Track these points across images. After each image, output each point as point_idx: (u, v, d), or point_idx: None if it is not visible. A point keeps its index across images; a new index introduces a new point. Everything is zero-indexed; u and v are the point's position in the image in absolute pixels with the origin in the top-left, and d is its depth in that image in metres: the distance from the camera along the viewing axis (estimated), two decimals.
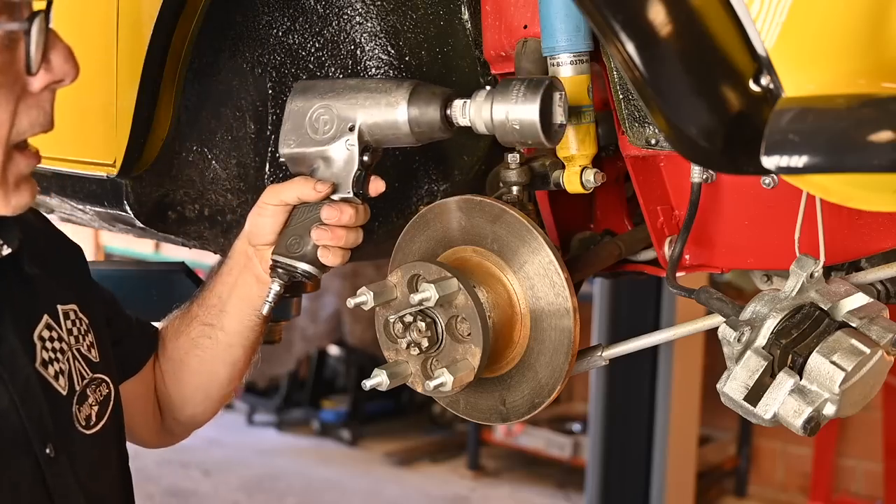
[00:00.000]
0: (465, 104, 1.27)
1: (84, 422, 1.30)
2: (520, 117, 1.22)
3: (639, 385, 4.49)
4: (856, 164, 1.03)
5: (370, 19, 1.61)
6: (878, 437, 5.05)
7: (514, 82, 1.24)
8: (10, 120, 1.09)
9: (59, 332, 1.30)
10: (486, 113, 1.25)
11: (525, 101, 1.22)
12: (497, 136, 1.27)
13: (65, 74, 1.12)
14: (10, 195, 1.14)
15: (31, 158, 1.15)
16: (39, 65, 1.09)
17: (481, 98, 1.26)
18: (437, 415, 6.63)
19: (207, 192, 1.74)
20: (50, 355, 1.27)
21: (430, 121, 1.29)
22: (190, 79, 1.64)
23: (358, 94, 1.33)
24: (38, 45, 1.08)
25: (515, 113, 1.23)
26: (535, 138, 1.23)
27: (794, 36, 1.08)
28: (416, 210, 1.59)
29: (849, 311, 1.23)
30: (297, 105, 1.38)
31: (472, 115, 1.26)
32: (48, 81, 1.12)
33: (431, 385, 1.27)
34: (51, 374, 1.26)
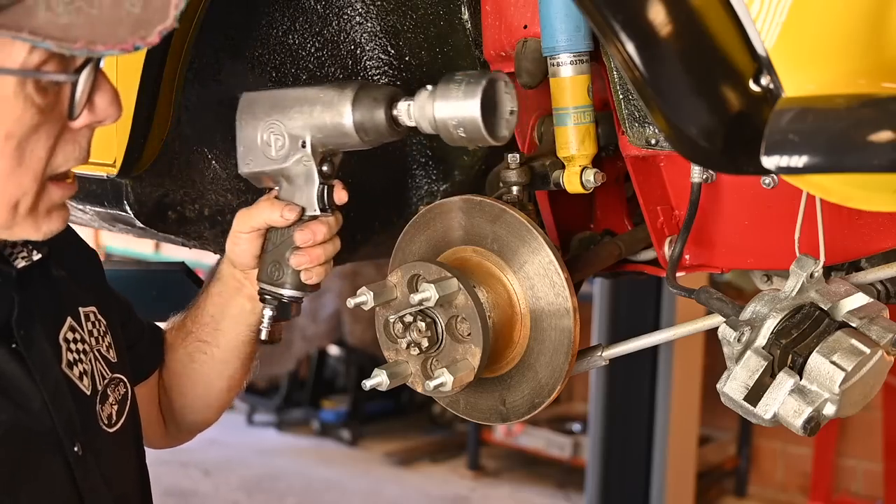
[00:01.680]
0: (409, 105, 1.24)
1: (106, 420, 1.33)
2: (461, 115, 1.18)
3: (639, 385, 4.49)
4: (856, 164, 1.03)
5: (370, 19, 1.61)
6: (878, 437, 5.05)
7: (455, 78, 1.20)
8: (47, 156, 1.11)
9: (81, 333, 1.33)
10: (429, 112, 1.21)
11: (466, 97, 1.17)
12: (442, 137, 1.23)
13: (107, 116, 1.14)
14: (40, 223, 1.16)
15: (67, 189, 1.17)
16: (83, 108, 1.11)
17: (423, 97, 1.22)
18: (437, 415, 6.63)
19: (207, 192, 1.74)
20: (74, 356, 1.30)
21: (377, 125, 1.25)
22: (190, 79, 1.64)
23: (302, 106, 1.30)
24: (83, 92, 1.10)
25: (457, 111, 1.18)
26: (478, 135, 1.19)
27: (794, 36, 1.08)
28: (416, 210, 1.60)
29: (849, 311, 1.23)
30: (246, 124, 1.36)
31: (416, 116, 1.23)
32: (90, 122, 1.14)
33: (431, 385, 1.27)
34: (76, 375, 1.29)
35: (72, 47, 1.01)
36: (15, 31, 0.98)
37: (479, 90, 1.17)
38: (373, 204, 1.71)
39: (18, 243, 1.26)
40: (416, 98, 1.23)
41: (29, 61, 1.05)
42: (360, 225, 1.74)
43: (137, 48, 1.04)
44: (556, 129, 1.37)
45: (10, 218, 1.12)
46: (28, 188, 1.11)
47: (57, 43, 1.00)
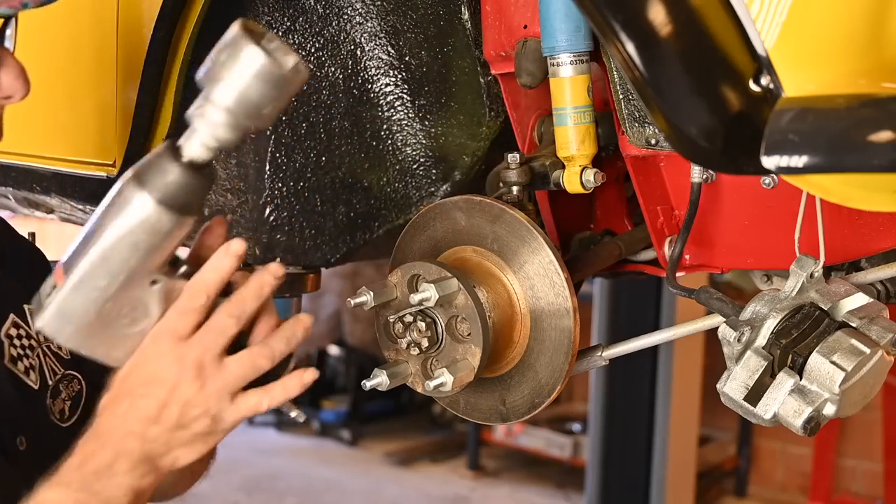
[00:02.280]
0: (192, 133, 1.03)
1: (59, 416, 1.32)
2: (248, 74, 0.98)
3: (639, 385, 4.49)
4: (856, 164, 1.03)
5: (370, 19, 1.61)
6: (878, 437, 5.05)
7: (207, 61, 1.01)
8: None
9: (26, 329, 1.32)
10: (217, 114, 1.00)
11: (235, 54, 0.99)
12: (254, 126, 1.01)
13: (13, 91, 1.14)
14: None
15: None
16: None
17: (196, 111, 1.03)
18: (437, 415, 6.63)
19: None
20: (19, 352, 1.29)
21: (184, 186, 1.01)
22: (190, 79, 1.64)
23: (114, 256, 1.01)
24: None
25: (241, 75, 0.98)
26: (285, 81, 0.98)
27: (794, 36, 1.08)
28: (417, 210, 1.60)
29: (849, 311, 1.23)
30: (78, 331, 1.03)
31: (212, 133, 1.02)
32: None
33: (431, 385, 1.27)
34: (20, 370, 1.29)
35: None
36: None
37: (238, 37, 0.99)
38: (374, 204, 1.71)
39: None
40: (192, 122, 1.03)
41: None
42: (359, 225, 1.74)
43: (25, 5, 1.06)
44: (556, 129, 1.37)
45: None
46: None
47: None
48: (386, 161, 1.67)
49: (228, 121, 1.01)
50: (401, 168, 1.66)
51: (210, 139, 1.02)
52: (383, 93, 1.65)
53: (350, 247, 1.74)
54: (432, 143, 1.65)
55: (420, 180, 1.66)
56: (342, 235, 1.74)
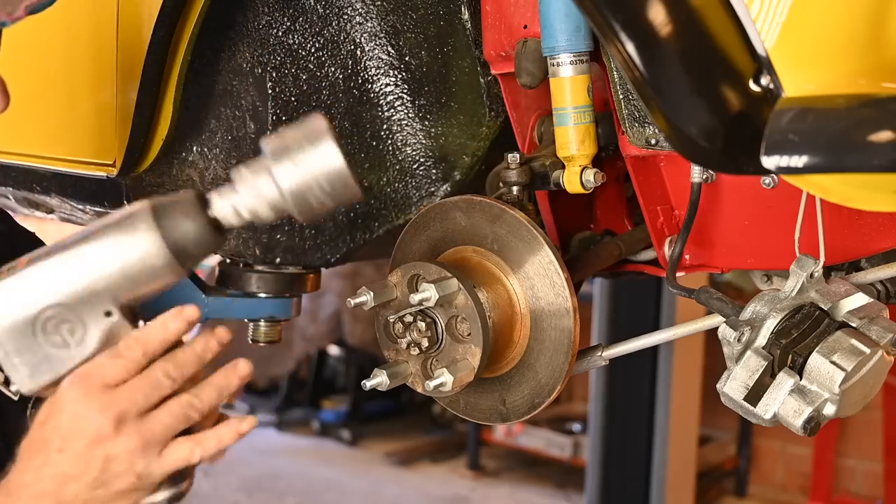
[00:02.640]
0: (231, 197, 0.98)
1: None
2: (320, 169, 0.94)
3: (639, 385, 4.48)
4: (856, 164, 1.03)
5: (370, 19, 1.61)
6: (878, 437, 5.05)
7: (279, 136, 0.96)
8: None
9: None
10: (269, 189, 0.95)
11: (314, 144, 0.94)
12: (295, 214, 0.97)
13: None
14: None
15: None
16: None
17: (248, 175, 0.97)
18: (437, 415, 6.63)
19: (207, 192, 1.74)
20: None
21: (199, 241, 0.97)
22: (190, 79, 1.64)
23: (84, 268, 0.96)
24: None
25: (312, 167, 0.94)
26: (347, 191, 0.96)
27: (794, 36, 1.08)
28: (417, 210, 1.60)
29: (849, 311, 1.23)
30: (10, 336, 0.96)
31: (249, 204, 0.97)
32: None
33: (431, 385, 1.27)
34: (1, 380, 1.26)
35: None
36: None
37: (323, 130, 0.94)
38: (374, 204, 1.71)
39: None
40: (235, 184, 0.98)
41: None
42: (359, 225, 1.74)
43: (3, 24, 1.06)
44: (556, 129, 1.37)
45: None
46: None
47: None
48: (386, 161, 1.67)
49: (277, 202, 0.96)
50: (401, 168, 1.66)
51: (247, 210, 0.98)
52: (383, 93, 1.64)
53: (350, 247, 1.74)
54: (432, 143, 1.65)
55: (420, 180, 1.66)
56: (342, 235, 1.74)
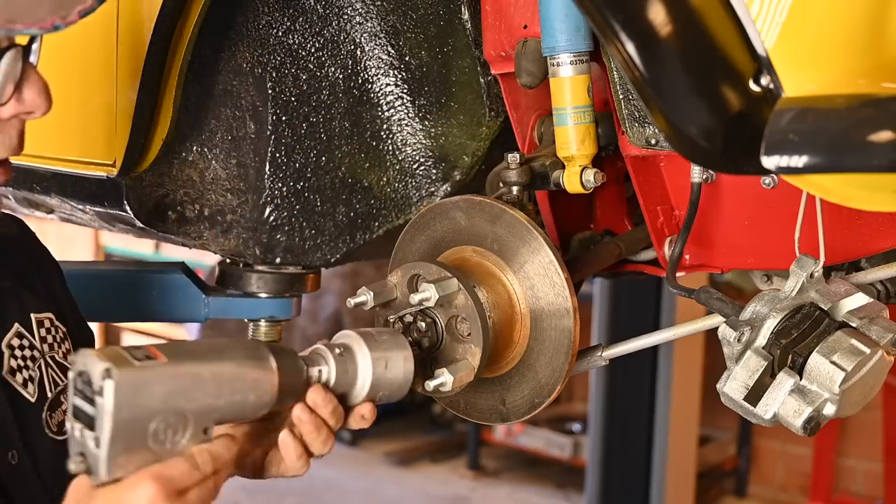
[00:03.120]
0: (328, 370, 1.16)
1: (56, 428, 1.30)
2: (399, 371, 1.18)
3: (639, 385, 4.48)
4: (856, 164, 1.03)
5: (370, 19, 1.61)
6: (878, 437, 5.05)
7: (374, 332, 1.18)
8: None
9: (30, 340, 1.31)
10: (355, 376, 1.16)
11: (397, 348, 1.17)
12: (357, 398, 1.19)
13: (35, 108, 1.15)
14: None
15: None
16: (10, 96, 1.12)
17: (348, 359, 1.16)
18: (437, 415, 6.62)
19: (207, 192, 1.74)
20: (19, 363, 1.28)
21: (297, 391, 1.14)
22: (190, 79, 1.64)
23: (218, 387, 1.05)
24: (7, 77, 1.11)
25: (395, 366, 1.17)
26: (401, 394, 1.21)
27: (794, 36, 1.08)
28: (417, 210, 1.60)
29: (849, 311, 1.23)
30: (127, 412, 0.99)
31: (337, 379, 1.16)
32: (17, 112, 1.14)
33: (431, 385, 1.27)
34: (18, 382, 1.27)
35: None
36: None
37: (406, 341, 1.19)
38: (374, 203, 1.71)
39: None
40: (329, 361, 1.16)
41: None
42: (359, 225, 1.74)
43: (57, 27, 1.05)
44: (556, 129, 1.37)
45: None
46: None
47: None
48: (386, 161, 1.67)
49: (343, 383, 1.17)
50: (401, 168, 1.67)
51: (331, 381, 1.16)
52: (383, 93, 1.65)
53: (350, 247, 1.74)
54: (432, 143, 1.65)
55: (420, 180, 1.66)
56: (342, 235, 1.74)
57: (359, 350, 1.17)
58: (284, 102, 1.70)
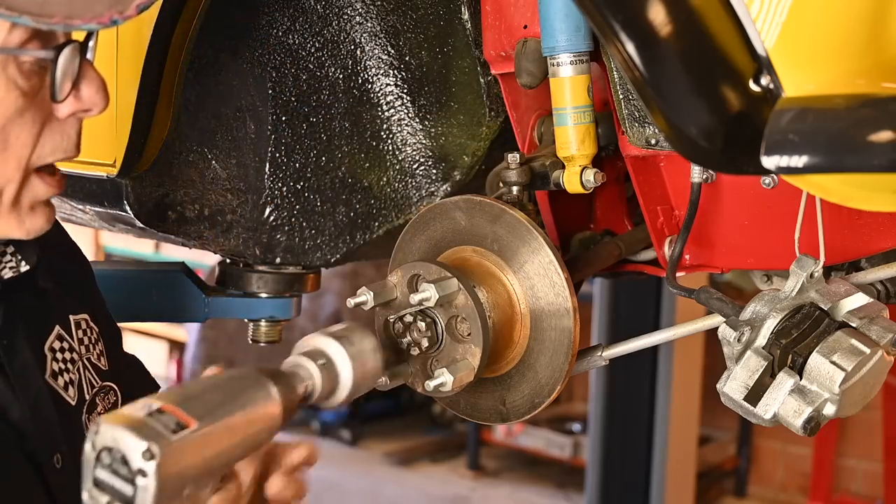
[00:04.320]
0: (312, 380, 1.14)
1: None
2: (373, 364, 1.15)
3: (639, 385, 4.48)
4: (856, 164, 1.03)
5: (370, 19, 1.61)
6: (878, 437, 5.05)
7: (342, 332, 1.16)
8: (33, 143, 1.11)
9: (70, 342, 1.30)
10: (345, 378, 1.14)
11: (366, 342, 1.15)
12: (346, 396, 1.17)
13: (93, 105, 1.13)
14: (24, 218, 1.14)
15: (52, 186, 1.16)
16: (68, 93, 1.10)
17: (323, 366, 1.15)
18: (437, 415, 6.62)
19: (207, 192, 1.74)
20: (60, 366, 1.27)
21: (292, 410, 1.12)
22: (190, 79, 1.64)
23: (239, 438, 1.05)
24: (66, 74, 1.09)
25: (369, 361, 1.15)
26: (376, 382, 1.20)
27: (793, 36, 1.08)
28: (417, 210, 1.60)
29: (849, 311, 1.23)
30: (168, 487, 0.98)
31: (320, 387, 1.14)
32: (75, 109, 1.13)
33: (431, 385, 1.27)
34: (60, 385, 1.26)
35: (49, 22, 1.01)
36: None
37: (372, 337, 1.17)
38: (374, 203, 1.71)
39: (7, 252, 1.24)
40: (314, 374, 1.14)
41: (9, 41, 1.05)
42: (359, 225, 1.74)
43: (115, 22, 1.04)
44: (556, 129, 1.37)
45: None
46: (11, 176, 1.10)
47: (34, 18, 1.00)
48: (386, 161, 1.67)
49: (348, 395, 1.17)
50: (401, 168, 1.67)
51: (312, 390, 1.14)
52: (383, 93, 1.65)
53: (350, 247, 1.74)
54: (432, 143, 1.65)
55: (420, 180, 1.66)
56: (342, 235, 1.74)
57: (339, 356, 1.15)
58: (284, 102, 1.70)
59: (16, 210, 1.13)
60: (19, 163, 1.10)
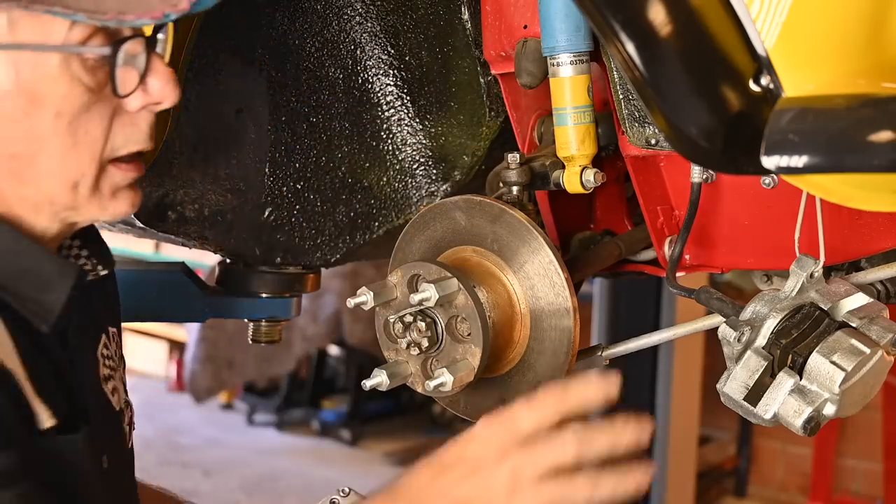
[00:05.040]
0: None
1: (127, 437, 1.34)
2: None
3: (639, 385, 4.48)
4: (856, 164, 1.03)
5: (370, 19, 1.61)
6: (878, 437, 5.05)
7: None
8: (104, 135, 1.12)
9: (109, 351, 1.33)
10: None
11: None
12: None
13: (162, 97, 1.14)
14: (105, 204, 1.16)
15: (129, 171, 1.17)
16: (135, 87, 1.12)
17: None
18: (437, 415, 6.62)
19: (207, 192, 1.74)
20: (108, 372, 1.30)
21: None
22: (190, 79, 1.64)
23: None
24: (130, 68, 1.11)
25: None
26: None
27: (793, 36, 1.08)
28: (417, 210, 1.60)
29: (849, 311, 1.23)
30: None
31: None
32: (145, 103, 1.14)
33: (431, 385, 1.27)
34: (109, 389, 1.29)
35: (103, 18, 1.03)
36: (48, 6, 1.01)
37: None
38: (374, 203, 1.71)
39: (82, 255, 1.26)
40: None
41: (70, 38, 1.06)
42: (359, 225, 1.74)
43: (167, 17, 1.05)
44: (556, 129, 1.37)
45: (72, 198, 1.13)
46: (86, 169, 1.12)
47: (89, 15, 1.02)
48: (386, 161, 1.67)
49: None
50: (401, 168, 1.67)
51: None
52: (383, 93, 1.65)
53: (350, 247, 1.74)
54: (432, 142, 1.65)
55: (420, 180, 1.66)
56: (342, 235, 1.74)
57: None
58: (284, 102, 1.70)
59: (96, 197, 1.15)
60: (92, 156, 1.12)
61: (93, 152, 1.12)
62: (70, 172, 1.11)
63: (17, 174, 1.10)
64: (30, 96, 1.07)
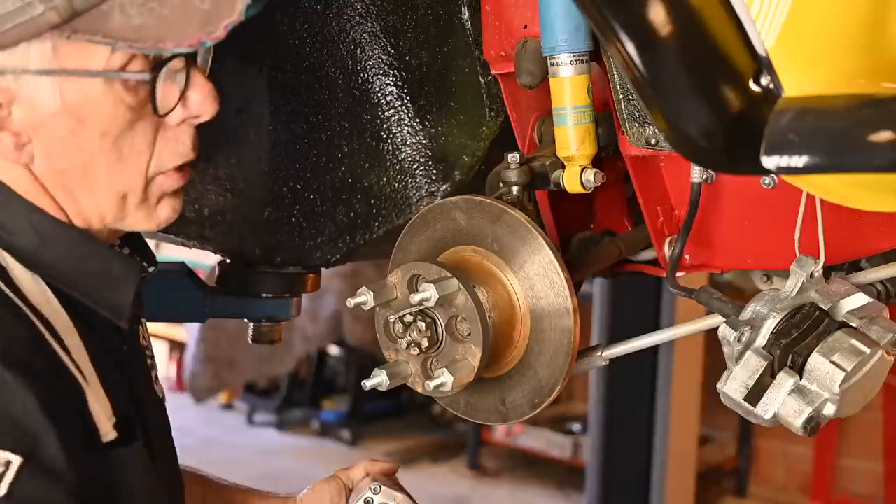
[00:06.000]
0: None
1: (169, 423, 1.37)
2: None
3: (639, 385, 4.48)
4: (856, 164, 1.03)
5: (370, 19, 1.61)
6: (878, 437, 5.05)
7: None
8: (149, 149, 1.17)
9: (147, 341, 1.38)
10: None
11: None
12: None
13: (202, 111, 1.18)
14: (152, 212, 1.21)
15: (175, 179, 1.22)
16: (176, 103, 1.15)
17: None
18: (437, 415, 6.63)
19: (207, 192, 1.74)
20: (150, 362, 1.35)
21: None
22: None
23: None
24: (170, 86, 1.14)
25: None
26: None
27: (793, 36, 1.08)
28: (417, 210, 1.59)
29: (849, 311, 1.23)
30: None
31: None
32: (185, 116, 1.18)
33: (431, 385, 1.27)
34: (154, 377, 1.34)
35: (143, 46, 1.07)
36: (90, 35, 1.05)
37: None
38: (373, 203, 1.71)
39: (130, 253, 1.30)
40: None
41: (111, 63, 1.10)
42: (359, 225, 1.74)
43: (203, 43, 1.09)
44: (556, 129, 1.37)
45: (120, 209, 1.18)
46: (133, 183, 1.17)
47: (129, 43, 1.06)
48: (386, 161, 1.67)
49: None
50: (401, 168, 1.66)
51: None
52: (383, 93, 1.65)
53: (350, 247, 1.74)
54: (432, 142, 1.65)
55: (420, 180, 1.66)
56: (342, 235, 1.74)
57: None
58: (284, 102, 1.70)
59: (144, 207, 1.20)
60: (139, 169, 1.17)
61: (139, 166, 1.16)
62: (117, 186, 1.16)
63: (69, 188, 1.15)
64: (76, 117, 1.11)
